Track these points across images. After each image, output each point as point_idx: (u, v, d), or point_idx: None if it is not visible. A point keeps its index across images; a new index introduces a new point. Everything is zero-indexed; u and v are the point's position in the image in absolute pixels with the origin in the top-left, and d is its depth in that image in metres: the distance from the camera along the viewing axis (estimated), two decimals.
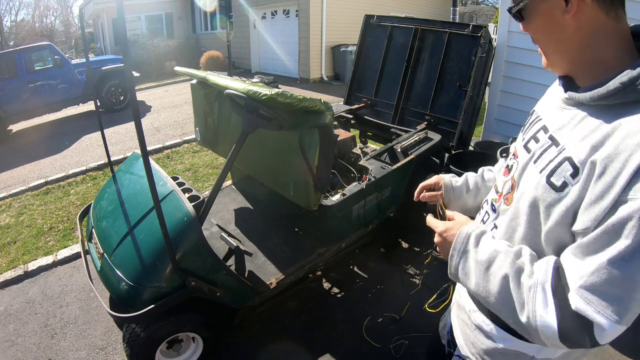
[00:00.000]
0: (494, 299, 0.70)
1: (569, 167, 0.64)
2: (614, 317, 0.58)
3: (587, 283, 0.59)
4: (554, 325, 0.62)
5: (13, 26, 28.12)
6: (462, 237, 0.78)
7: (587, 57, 0.67)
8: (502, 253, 0.72)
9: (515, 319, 0.67)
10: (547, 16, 0.68)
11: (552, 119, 0.75)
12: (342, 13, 9.29)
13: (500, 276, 0.69)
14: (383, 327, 2.20)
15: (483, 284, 0.72)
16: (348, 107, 3.45)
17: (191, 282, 1.64)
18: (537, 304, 0.64)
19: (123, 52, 1.20)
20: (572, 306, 0.61)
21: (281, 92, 1.53)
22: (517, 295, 0.67)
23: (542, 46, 0.74)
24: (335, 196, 2.20)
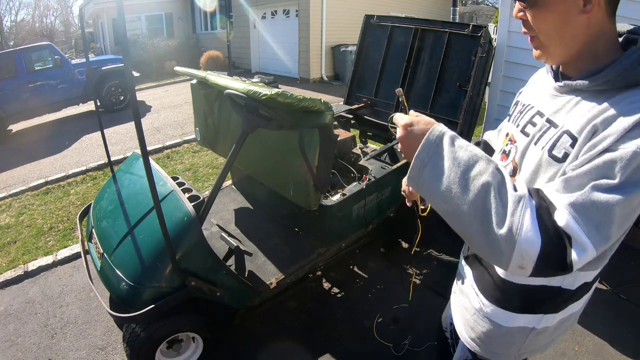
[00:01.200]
0: (467, 207, 0.64)
1: (568, 139, 0.70)
2: (594, 242, 0.61)
3: (578, 202, 0.61)
4: (537, 242, 0.61)
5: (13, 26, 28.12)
6: (435, 133, 0.69)
7: (585, 52, 0.73)
8: (483, 159, 0.66)
9: (487, 230, 0.63)
10: (562, 12, 0.69)
11: (546, 105, 0.80)
12: (342, 13, 9.29)
13: (481, 182, 0.64)
14: (383, 327, 2.20)
15: (457, 189, 0.65)
16: (348, 107, 3.45)
17: (191, 282, 1.64)
18: (525, 217, 0.62)
19: (123, 52, 1.20)
20: (560, 223, 0.62)
21: (281, 92, 1.53)
22: (498, 205, 0.63)
23: (545, 38, 0.74)
24: (335, 196, 2.20)
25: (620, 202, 0.60)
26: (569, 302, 0.88)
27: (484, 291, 0.94)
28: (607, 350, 2.03)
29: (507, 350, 0.96)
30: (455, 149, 0.67)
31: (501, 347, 0.96)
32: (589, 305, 0.97)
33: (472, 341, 1.00)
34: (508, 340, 0.94)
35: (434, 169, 0.67)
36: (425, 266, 2.66)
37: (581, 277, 0.83)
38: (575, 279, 0.83)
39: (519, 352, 0.95)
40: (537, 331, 0.90)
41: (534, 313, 0.88)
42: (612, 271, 2.60)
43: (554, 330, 0.93)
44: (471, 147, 0.69)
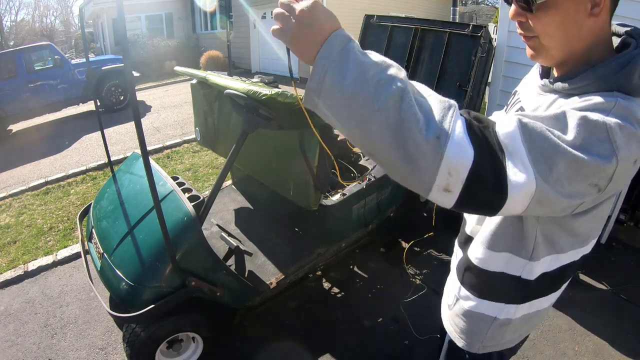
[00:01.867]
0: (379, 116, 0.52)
1: None
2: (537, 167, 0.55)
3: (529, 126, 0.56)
4: (470, 152, 0.53)
5: (13, 26, 28.12)
6: (340, 35, 0.58)
7: (584, 53, 0.70)
8: (396, 66, 0.57)
9: (406, 141, 0.52)
10: (569, 14, 0.66)
11: (529, 101, 0.79)
12: (342, 13, 9.29)
13: (397, 85, 0.53)
14: (383, 327, 2.20)
15: (366, 96, 0.53)
16: None
17: (191, 282, 1.64)
18: (456, 124, 0.54)
19: (123, 52, 1.20)
20: (500, 130, 0.55)
21: (281, 92, 1.53)
22: (420, 110, 0.53)
23: (548, 40, 0.70)
24: (335, 196, 2.20)
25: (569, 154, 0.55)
26: (532, 296, 0.86)
27: (457, 270, 0.97)
28: (607, 350, 2.03)
29: (471, 338, 0.96)
30: (364, 53, 0.57)
31: (465, 332, 0.96)
32: (589, 305, 0.97)
33: (448, 324, 1.03)
34: (471, 326, 0.94)
35: (337, 75, 0.54)
36: (425, 266, 2.66)
37: (538, 266, 0.80)
38: (532, 267, 0.80)
39: (482, 343, 0.95)
40: (499, 322, 0.89)
41: (495, 300, 0.88)
42: (612, 271, 2.60)
43: (520, 325, 0.92)
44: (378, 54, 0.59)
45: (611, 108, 0.59)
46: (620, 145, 0.56)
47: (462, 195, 0.55)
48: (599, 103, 0.60)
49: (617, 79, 0.64)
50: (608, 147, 0.56)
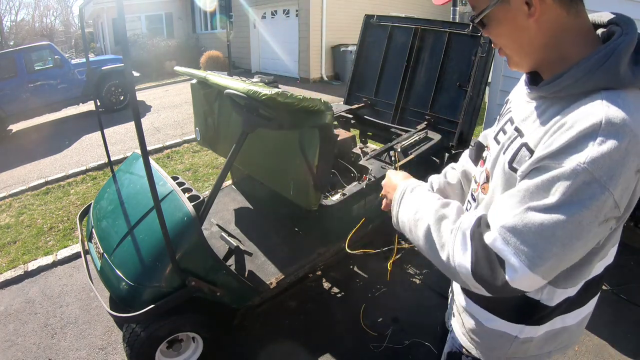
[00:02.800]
0: (421, 242, 0.76)
1: (526, 152, 0.68)
2: (527, 262, 0.60)
3: (509, 224, 0.62)
4: (467, 265, 0.66)
5: (13, 26, 28.12)
6: (400, 190, 0.89)
7: (552, 55, 0.69)
8: (429, 202, 0.80)
9: (438, 259, 0.72)
10: (510, 22, 0.68)
11: (519, 111, 0.78)
12: (342, 13, 9.29)
13: (426, 222, 0.76)
14: (383, 327, 2.20)
15: (413, 229, 0.79)
16: (348, 107, 3.45)
17: (191, 282, 1.64)
18: (456, 245, 0.68)
19: (123, 52, 1.20)
20: (487, 242, 0.65)
21: (281, 92, 1.53)
22: (438, 238, 0.72)
23: (507, 49, 0.74)
24: (335, 196, 2.20)
25: (560, 222, 0.58)
26: (552, 315, 0.84)
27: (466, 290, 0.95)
28: (607, 350, 2.03)
29: (490, 353, 0.94)
30: (410, 197, 0.85)
31: (485, 347, 0.94)
32: None
33: (462, 335, 1.00)
34: (492, 343, 0.92)
35: (400, 218, 0.86)
36: (425, 266, 2.66)
37: (559, 293, 0.79)
38: (553, 294, 0.79)
39: (506, 356, 0.92)
40: (520, 340, 0.87)
41: (513, 322, 0.85)
42: (612, 271, 2.60)
43: (544, 343, 0.89)
44: (423, 193, 0.84)
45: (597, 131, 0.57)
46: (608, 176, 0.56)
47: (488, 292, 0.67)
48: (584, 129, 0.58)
49: (601, 74, 0.61)
50: (595, 187, 0.57)
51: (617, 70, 0.61)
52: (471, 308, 0.92)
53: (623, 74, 0.61)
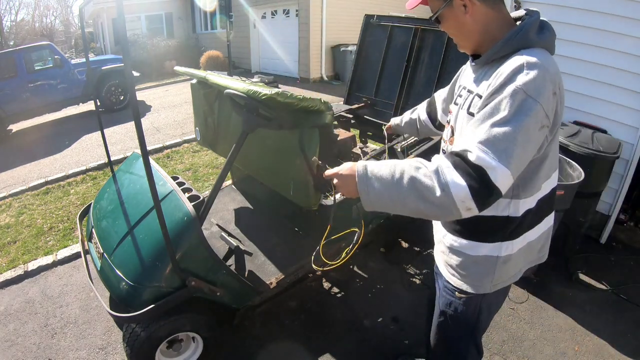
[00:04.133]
0: (410, 199, 0.88)
1: (477, 99, 0.97)
2: (503, 161, 0.82)
3: (482, 139, 0.84)
4: (463, 184, 0.82)
5: (13, 26, 28.11)
6: (360, 168, 0.96)
7: (485, 38, 1.00)
8: (397, 164, 0.91)
9: (432, 201, 0.85)
10: (454, 18, 1.00)
11: (468, 80, 1.08)
12: (342, 13, 9.29)
13: (406, 178, 0.88)
14: (383, 327, 2.19)
15: (395, 193, 0.89)
16: (348, 107, 3.45)
17: (191, 282, 1.64)
18: (447, 175, 0.84)
19: (123, 52, 1.20)
20: (472, 159, 0.83)
21: (281, 91, 1.53)
22: (426, 184, 0.86)
23: (456, 38, 1.06)
24: (336, 196, 2.19)
25: (516, 129, 0.82)
26: (521, 230, 1.05)
27: (447, 226, 1.14)
28: (607, 350, 2.03)
29: (482, 280, 1.10)
30: (376, 171, 0.93)
31: (476, 277, 1.11)
32: (589, 305, 1.00)
33: (452, 276, 1.16)
34: (480, 270, 1.09)
35: (373, 191, 0.92)
36: (425, 266, 2.66)
37: (522, 204, 1.02)
38: (517, 207, 1.02)
39: (492, 282, 1.10)
40: (502, 259, 1.06)
41: (493, 241, 1.05)
42: (612, 271, 2.60)
43: (518, 259, 1.10)
44: (386, 161, 0.94)
45: (522, 68, 0.85)
46: (536, 93, 0.83)
47: (479, 205, 0.84)
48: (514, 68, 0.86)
49: (517, 40, 0.92)
50: (530, 101, 0.83)
51: (528, 36, 0.92)
52: (456, 244, 1.11)
53: (532, 37, 0.92)
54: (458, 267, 1.12)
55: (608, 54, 2.56)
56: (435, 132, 1.56)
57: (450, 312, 1.22)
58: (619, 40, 2.49)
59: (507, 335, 2.13)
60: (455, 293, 1.17)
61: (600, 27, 2.53)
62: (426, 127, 1.58)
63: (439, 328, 1.31)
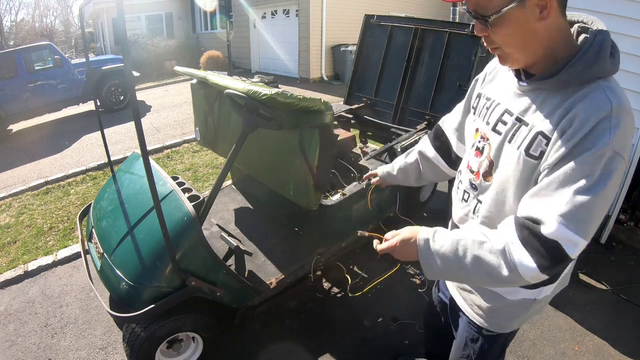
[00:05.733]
0: (475, 276, 0.81)
1: (542, 139, 0.78)
2: (583, 234, 0.73)
3: (564, 211, 0.72)
4: (533, 265, 0.74)
5: (13, 26, 28.10)
6: (422, 243, 0.86)
7: (546, 52, 0.79)
8: (461, 240, 0.82)
9: (499, 279, 0.78)
10: (521, 23, 0.75)
11: (513, 103, 0.87)
12: (342, 13, 9.29)
13: (471, 257, 0.79)
14: (383, 327, 2.19)
15: (461, 272, 0.82)
16: (348, 107, 3.45)
17: (191, 282, 1.64)
18: (514, 255, 0.76)
19: (123, 52, 1.20)
20: (546, 232, 0.73)
21: (281, 91, 1.53)
22: (491, 262, 0.78)
23: (510, 48, 0.80)
24: (335, 196, 2.20)
25: (600, 196, 0.71)
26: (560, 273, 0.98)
27: None
28: (607, 350, 2.03)
29: (512, 322, 1.04)
30: (438, 247, 0.83)
31: (506, 318, 1.03)
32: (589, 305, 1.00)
33: (479, 317, 1.07)
34: (512, 312, 1.01)
35: (437, 267, 0.84)
36: None
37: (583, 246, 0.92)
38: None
39: (522, 321, 1.05)
40: (538, 300, 0.99)
41: (535, 287, 0.96)
42: (612, 271, 2.60)
43: (550, 296, 1.04)
44: (448, 235, 0.84)
45: (609, 117, 0.71)
46: (623, 148, 0.71)
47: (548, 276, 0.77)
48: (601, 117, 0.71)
49: (597, 68, 0.74)
50: (617, 159, 0.71)
51: (606, 64, 0.74)
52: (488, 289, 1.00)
53: (609, 66, 0.75)
54: (489, 309, 1.03)
55: None
56: (447, 174, 1.28)
57: (475, 348, 1.14)
58: (619, 41, 2.49)
59: None
60: (482, 331, 1.09)
61: None
62: (435, 168, 1.28)
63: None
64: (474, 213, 0.98)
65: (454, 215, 1.08)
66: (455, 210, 1.08)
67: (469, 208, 1.00)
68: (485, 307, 1.03)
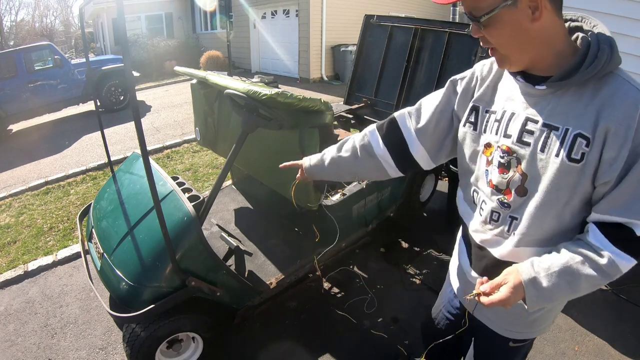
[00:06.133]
0: (582, 292, 0.81)
1: (582, 141, 0.75)
2: None
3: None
4: (632, 262, 0.77)
5: (13, 26, 28.11)
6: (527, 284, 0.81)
7: (547, 52, 0.78)
8: (566, 268, 0.79)
9: (606, 282, 0.79)
10: (514, 24, 0.75)
11: (533, 110, 0.83)
12: (342, 13, 9.29)
13: (582, 280, 0.78)
14: (383, 327, 2.20)
15: (568, 295, 0.82)
16: (348, 107, 3.45)
17: (191, 282, 1.64)
18: (621, 266, 0.76)
19: (123, 52, 1.20)
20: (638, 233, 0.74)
21: (281, 91, 1.53)
22: (598, 277, 0.77)
23: (505, 49, 0.80)
24: (335, 196, 2.20)
25: None
26: None
27: None
28: (607, 350, 2.03)
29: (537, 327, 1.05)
30: (545, 282, 0.80)
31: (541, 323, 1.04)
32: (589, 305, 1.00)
33: (516, 333, 1.06)
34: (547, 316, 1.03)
35: (546, 300, 0.81)
36: (425, 266, 2.66)
37: None
38: None
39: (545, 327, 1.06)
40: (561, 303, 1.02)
41: None
42: None
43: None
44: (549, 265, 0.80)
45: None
46: None
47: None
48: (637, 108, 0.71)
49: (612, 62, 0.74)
50: None
51: (619, 55, 0.75)
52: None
53: (616, 60, 0.75)
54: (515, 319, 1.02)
55: None
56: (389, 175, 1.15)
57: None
58: (619, 41, 2.49)
59: None
60: (509, 344, 1.07)
61: None
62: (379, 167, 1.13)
63: None
64: (508, 232, 0.92)
65: (476, 237, 1.00)
66: (478, 233, 1.00)
67: (501, 228, 0.93)
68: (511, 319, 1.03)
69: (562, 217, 0.83)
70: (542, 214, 0.84)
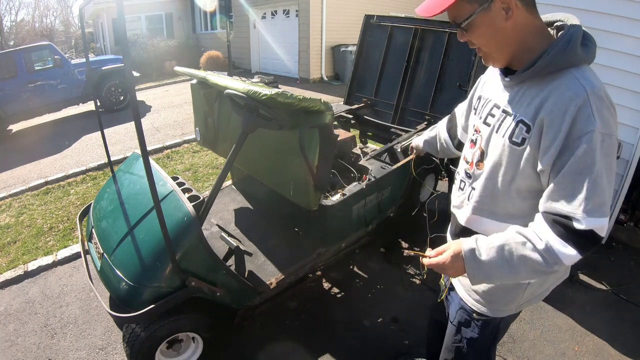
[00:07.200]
0: (523, 274, 0.86)
1: (523, 126, 0.87)
2: (606, 214, 0.81)
3: (585, 203, 0.79)
4: (575, 253, 0.81)
5: (13, 26, 28.11)
6: (467, 253, 0.90)
7: (522, 48, 0.88)
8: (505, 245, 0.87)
9: (545, 272, 0.85)
10: (490, 24, 0.86)
11: (500, 97, 0.97)
12: (342, 13, 9.28)
13: (517, 259, 0.85)
14: (383, 327, 2.20)
15: (509, 273, 0.87)
16: (348, 107, 3.45)
17: (191, 282, 1.64)
18: (559, 252, 0.81)
19: (123, 52, 1.20)
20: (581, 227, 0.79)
21: (281, 92, 1.53)
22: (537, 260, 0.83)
23: (487, 48, 0.92)
24: (335, 196, 2.20)
25: (607, 177, 0.79)
26: None
27: None
28: (607, 350, 2.03)
29: (508, 306, 1.09)
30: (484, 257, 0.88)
31: (502, 303, 1.09)
32: (589, 305, 1.01)
33: (474, 301, 1.13)
34: (508, 296, 1.07)
35: (483, 274, 0.89)
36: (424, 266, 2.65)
37: None
38: None
39: (518, 305, 1.10)
40: (532, 284, 1.04)
41: None
42: (612, 271, 2.60)
43: (548, 280, 1.08)
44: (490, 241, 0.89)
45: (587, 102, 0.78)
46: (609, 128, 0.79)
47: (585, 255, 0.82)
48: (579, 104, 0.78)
49: (566, 56, 0.81)
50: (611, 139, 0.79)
51: (576, 52, 0.82)
52: None
53: (579, 54, 0.82)
54: (484, 293, 1.09)
55: (607, 54, 2.56)
56: (455, 153, 1.43)
57: (467, 333, 1.18)
58: (619, 41, 2.49)
59: (507, 335, 2.12)
60: (473, 315, 1.14)
61: (599, 27, 2.53)
62: (447, 148, 1.46)
63: (453, 347, 1.25)
64: (468, 200, 1.06)
65: (453, 202, 1.16)
66: (453, 198, 1.16)
67: (464, 195, 1.08)
68: (481, 291, 1.09)
69: (510, 195, 0.94)
70: (491, 186, 0.96)
